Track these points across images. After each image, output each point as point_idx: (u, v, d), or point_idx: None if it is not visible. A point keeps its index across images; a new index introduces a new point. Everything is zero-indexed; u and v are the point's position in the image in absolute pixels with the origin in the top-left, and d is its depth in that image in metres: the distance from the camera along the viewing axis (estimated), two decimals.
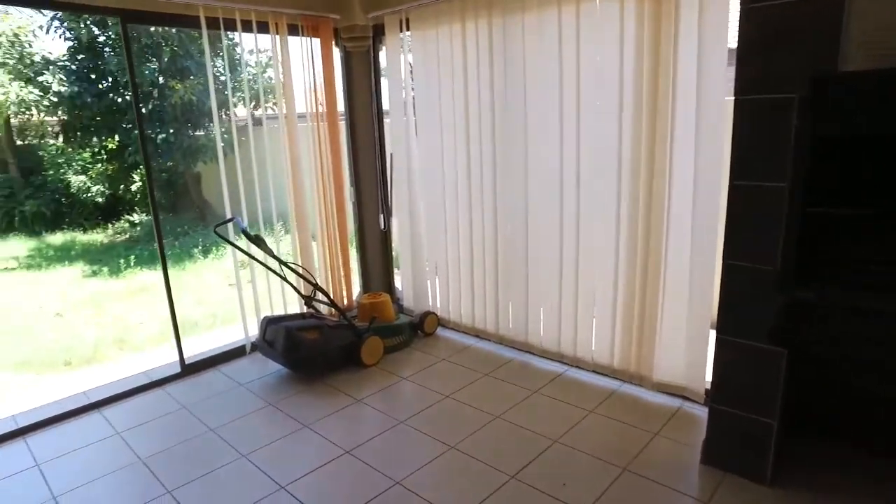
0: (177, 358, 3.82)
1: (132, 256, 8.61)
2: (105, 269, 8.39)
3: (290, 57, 3.87)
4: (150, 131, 9.15)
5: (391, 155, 4.34)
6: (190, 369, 3.84)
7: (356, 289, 4.71)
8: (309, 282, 3.72)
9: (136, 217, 12.89)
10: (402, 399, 3.36)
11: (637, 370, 3.25)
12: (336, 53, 4.16)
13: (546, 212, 3.49)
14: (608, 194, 3.15)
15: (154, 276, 8.10)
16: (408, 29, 3.95)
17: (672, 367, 3.10)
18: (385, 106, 4.37)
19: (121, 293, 7.12)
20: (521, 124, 3.50)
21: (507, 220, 3.74)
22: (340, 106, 4.32)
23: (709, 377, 2.55)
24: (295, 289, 3.93)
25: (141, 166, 10.90)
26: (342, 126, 4.36)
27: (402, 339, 4.04)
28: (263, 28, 3.70)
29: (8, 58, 8.92)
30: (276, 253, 3.67)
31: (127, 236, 11.58)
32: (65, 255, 9.88)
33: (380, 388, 3.49)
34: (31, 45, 9.50)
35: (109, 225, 12.18)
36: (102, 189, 11.48)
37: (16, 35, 8.96)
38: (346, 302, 4.52)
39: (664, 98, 2.83)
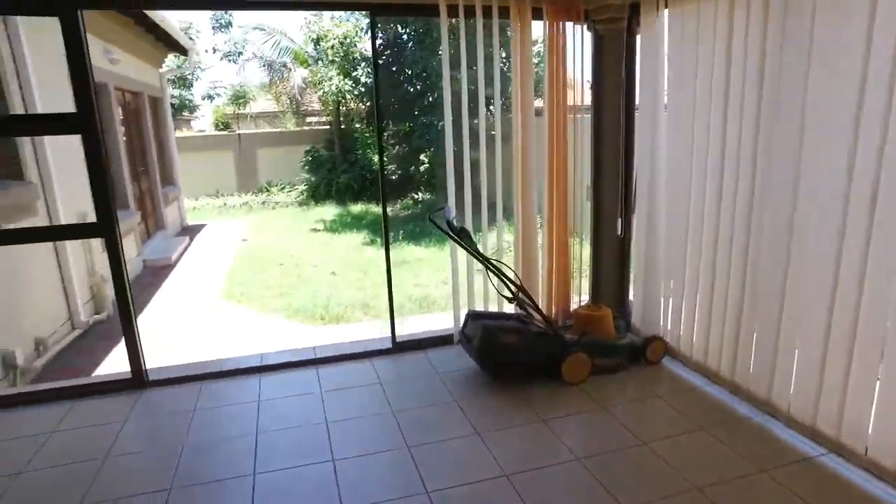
0: (393, 334, 4.00)
1: (402, 231, 9.58)
2: (379, 239, 9.51)
3: (528, 44, 3.65)
4: (433, 119, 10.04)
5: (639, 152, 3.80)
6: (399, 347, 3.99)
7: (582, 297, 4.31)
8: (511, 283, 3.49)
9: (419, 195, 14.40)
10: (589, 431, 2.92)
11: None
12: (567, 40, 3.77)
13: (820, 233, 2.59)
14: None
15: (418, 251, 8.86)
16: (666, 6, 3.35)
17: None
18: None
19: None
20: (795, 126, 2.65)
21: (764, 239, 2.91)
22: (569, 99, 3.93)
23: None
24: (496, 289, 3.75)
25: (426, 150, 12.13)
26: (576, 118, 3.97)
27: (616, 361, 3.53)
28: (504, 13, 3.55)
29: (336, 56, 10.76)
30: (482, 250, 3.54)
31: (409, 212, 13.03)
32: (357, 223, 11.55)
33: (571, 412, 3.10)
34: (355, 45, 11.26)
35: (399, 201, 13.87)
36: (393, 168, 13.11)
37: (345, 37, 10.75)
38: (558, 309, 4.16)
39: None
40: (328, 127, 16.53)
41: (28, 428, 3.14)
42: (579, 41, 3.79)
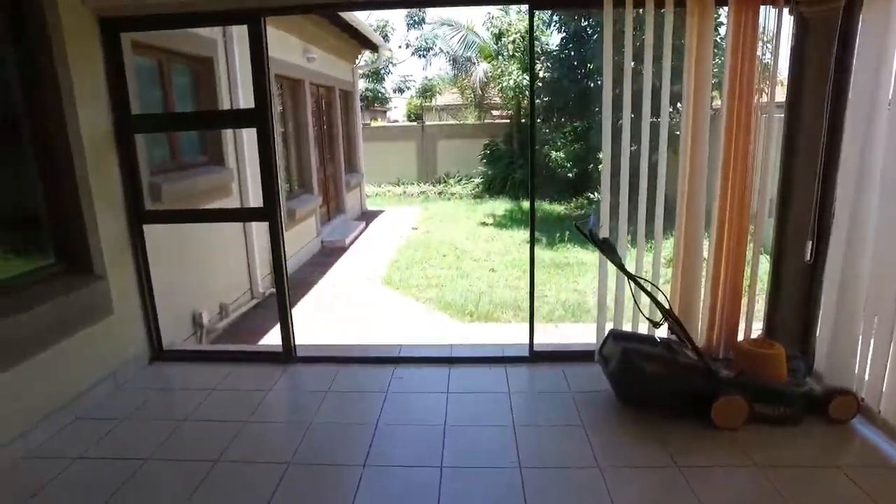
0: (531, 342, 3.82)
1: (567, 232, 9.22)
2: (544, 238, 9.26)
3: (707, 33, 3.16)
4: (614, 117, 9.49)
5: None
6: (536, 357, 3.79)
7: (752, 328, 3.68)
8: (658, 305, 3.08)
9: (595, 195, 13.81)
10: (733, 491, 2.46)
11: None
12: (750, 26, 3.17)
13: None
14: None
15: (582, 253, 8.47)
16: None
17: None
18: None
19: (545, 264, 7.72)
20: None
21: None
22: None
23: None
24: (640, 309, 3.35)
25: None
26: (761, 118, 3.35)
27: (785, 411, 2.94)
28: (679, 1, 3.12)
29: (516, 51, 10.68)
30: (638, 263, 3.17)
31: (582, 211, 12.57)
32: (526, 219, 11.41)
33: (715, 463, 2.64)
34: (538, 39, 11.07)
35: (573, 200, 13.46)
36: (569, 166, 12.70)
37: (527, 31, 10.64)
38: (718, 339, 3.59)
39: None
40: (507, 121, 16.61)
41: (198, 381, 3.59)
42: (772, 27, 3.20)
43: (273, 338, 4.84)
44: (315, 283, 6.92)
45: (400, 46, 18.15)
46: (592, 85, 9.89)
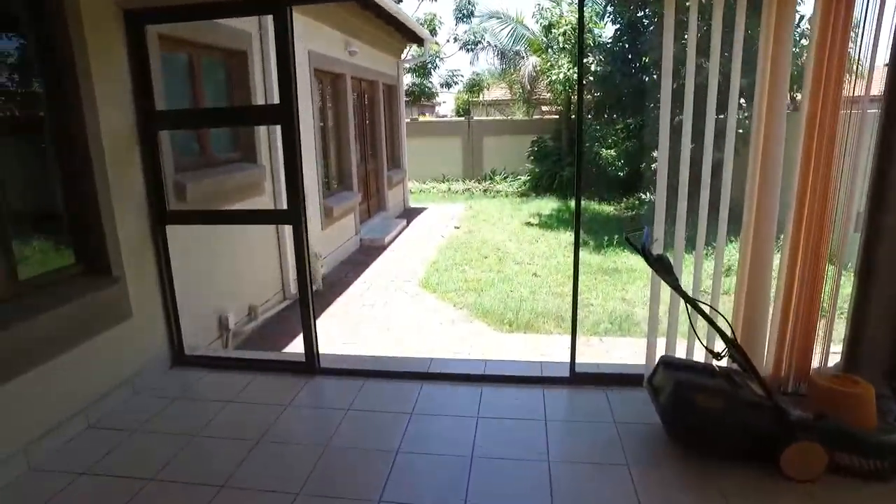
0: (573, 361, 3.47)
1: (616, 235, 8.73)
2: (591, 241, 8.80)
3: (789, 17, 2.72)
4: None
5: None
6: (578, 378, 3.44)
7: (828, 356, 3.22)
8: (721, 333, 2.67)
9: (647, 195, 13.17)
10: None
11: None
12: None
13: None
14: None
15: (633, 259, 7.99)
16: None
17: None
18: None
19: (592, 269, 7.29)
20: None
21: None
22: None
23: None
24: (696, 335, 2.95)
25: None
26: (850, 115, 2.88)
27: (874, 464, 2.48)
28: None
29: (567, 43, 10.20)
30: (694, 279, 2.78)
31: (633, 213, 11.98)
32: (573, 220, 10.94)
33: None
34: (590, 31, 10.55)
35: (623, 200, 12.87)
36: (620, 164, 12.11)
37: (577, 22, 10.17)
38: (787, 369, 3.14)
39: None
40: (556, 117, 16.09)
41: (216, 391, 3.43)
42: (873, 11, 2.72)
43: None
44: (350, 283, 6.73)
45: (448, 40, 17.84)
46: (647, 79, 9.31)
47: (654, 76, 9.21)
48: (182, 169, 4.11)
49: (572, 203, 12.97)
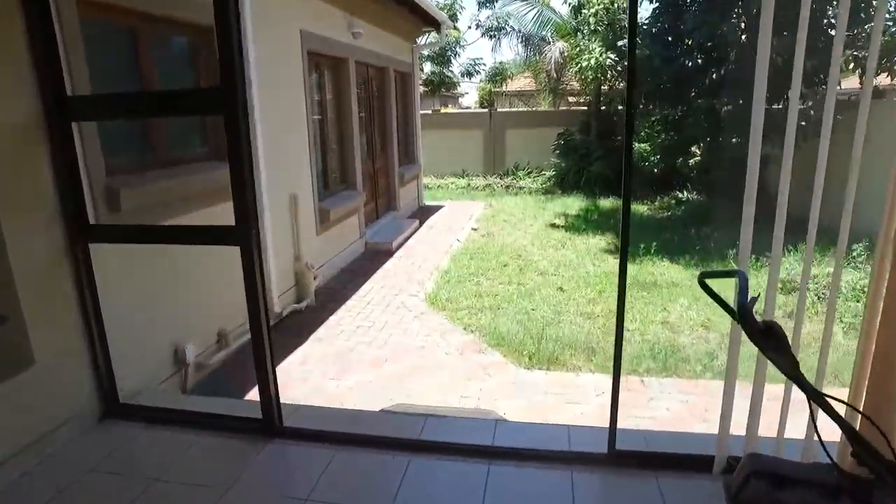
0: (612, 434, 2.58)
1: (655, 242, 7.74)
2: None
3: None
4: (715, 102, 7.87)
5: None
6: (618, 458, 2.55)
7: None
8: (850, 433, 1.74)
9: (684, 194, 12.12)
10: None
11: None
12: None
13: None
14: None
15: (673, 270, 7.04)
16: None
17: None
18: None
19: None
20: None
21: None
22: None
23: None
24: (822, 443, 2.02)
25: (701, 140, 9.83)
26: None
27: None
28: None
29: (599, 25, 9.17)
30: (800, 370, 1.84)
31: (669, 213, 10.95)
32: (603, 221, 9.95)
33: None
34: (623, 12, 9.50)
35: (658, 198, 11.85)
36: (655, 160, 11.08)
37: (611, 2, 9.08)
38: None
39: None
40: (585, 108, 15.03)
41: (145, 458, 2.68)
42: None
43: (285, 371, 3.86)
44: (347, 297, 5.89)
45: (469, 27, 16.85)
46: (690, 64, 8.23)
47: (698, 60, 8.13)
48: (120, 171, 3.30)
49: (601, 201, 11.99)
